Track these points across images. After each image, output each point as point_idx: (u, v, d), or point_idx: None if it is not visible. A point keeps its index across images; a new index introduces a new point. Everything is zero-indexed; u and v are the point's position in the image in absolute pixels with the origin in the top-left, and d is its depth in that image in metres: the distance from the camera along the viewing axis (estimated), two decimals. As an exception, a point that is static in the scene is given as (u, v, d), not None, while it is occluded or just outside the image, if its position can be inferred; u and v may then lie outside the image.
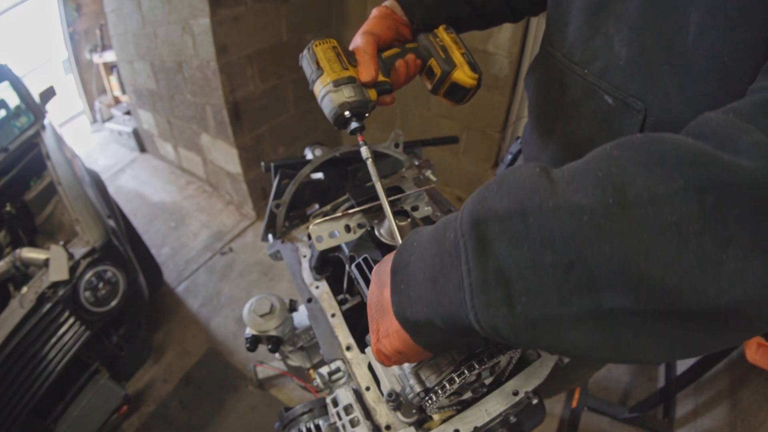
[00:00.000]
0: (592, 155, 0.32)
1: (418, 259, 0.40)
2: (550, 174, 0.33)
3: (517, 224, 0.31)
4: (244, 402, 1.92)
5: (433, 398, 0.52)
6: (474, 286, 0.33)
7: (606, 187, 0.28)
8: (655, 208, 0.27)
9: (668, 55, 0.52)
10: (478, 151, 2.67)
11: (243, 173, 2.71)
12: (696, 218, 0.26)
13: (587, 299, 0.29)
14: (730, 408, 1.49)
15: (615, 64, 0.60)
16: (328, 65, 0.63)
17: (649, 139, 0.30)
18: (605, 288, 0.28)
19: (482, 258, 0.32)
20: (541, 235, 0.30)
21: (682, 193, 0.27)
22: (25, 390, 1.40)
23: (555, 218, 0.29)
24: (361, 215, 0.76)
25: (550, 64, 0.74)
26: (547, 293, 0.30)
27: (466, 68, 0.69)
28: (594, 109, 0.65)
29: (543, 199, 0.30)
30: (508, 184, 0.34)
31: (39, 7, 4.16)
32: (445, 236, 0.37)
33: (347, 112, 0.62)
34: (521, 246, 0.31)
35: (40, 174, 2.06)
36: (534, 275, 0.30)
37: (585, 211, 0.28)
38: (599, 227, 0.28)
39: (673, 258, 0.27)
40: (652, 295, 0.27)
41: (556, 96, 0.73)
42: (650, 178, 0.28)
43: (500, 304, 0.32)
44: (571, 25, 0.66)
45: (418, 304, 0.39)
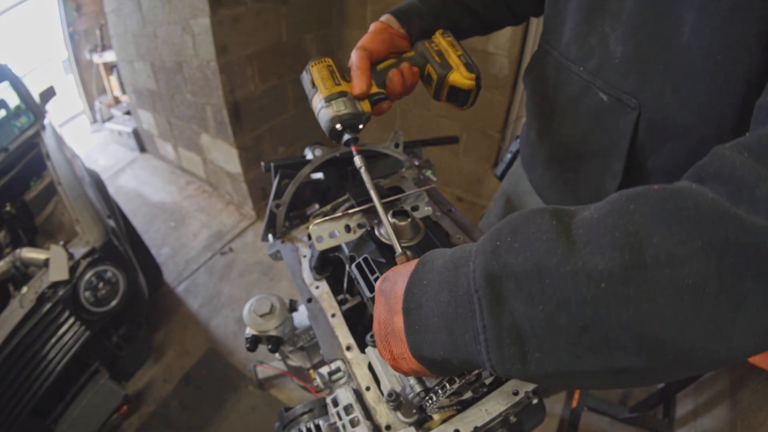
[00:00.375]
0: (609, 208, 0.31)
1: (430, 301, 0.39)
2: (568, 230, 0.32)
3: (532, 284, 0.31)
4: (244, 402, 1.92)
5: (433, 398, 0.52)
6: (489, 343, 0.33)
7: (624, 248, 0.28)
8: (672, 270, 0.27)
9: (663, 53, 0.53)
10: (478, 151, 2.67)
11: (243, 173, 2.71)
12: (713, 279, 0.26)
13: (600, 359, 0.30)
14: (730, 408, 1.49)
15: (610, 62, 0.60)
16: (322, 83, 0.66)
17: (667, 193, 0.29)
18: (619, 350, 0.29)
19: (497, 315, 0.32)
20: (557, 297, 0.30)
21: (700, 254, 0.26)
22: (25, 390, 1.40)
23: (572, 282, 0.29)
24: (361, 215, 0.76)
25: (546, 62, 0.74)
26: (560, 352, 0.31)
27: (463, 69, 0.69)
28: (589, 106, 0.65)
29: (560, 262, 0.30)
30: (523, 237, 0.33)
31: (39, 7, 4.16)
32: (458, 283, 0.36)
33: (338, 125, 0.65)
34: (536, 306, 0.31)
35: (40, 174, 2.06)
36: (548, 335, 0.30)
37: (603, 277, 0.28)
38: (616, 294, 0.28)
39: (688, 321, 0.27)
40: (665, 357, 0.28)
41: (552, 93, 0.73)
42: (668, 237, 0.27)
43: (515, 360, 0.32)
44: (568, 23, 0.67)
45: (434, 347, 0.39)
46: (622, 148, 0.62)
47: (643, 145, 0.61)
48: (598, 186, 0.69)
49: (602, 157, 0.67)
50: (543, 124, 0.78)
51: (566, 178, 0.76)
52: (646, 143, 0.61)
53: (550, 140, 0.76)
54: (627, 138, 0.61)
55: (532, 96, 0.82)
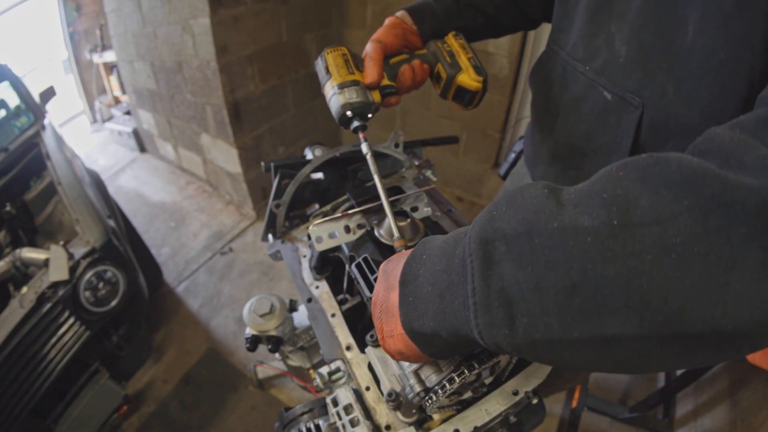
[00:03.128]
0: (599, 176, 0.32)
1: (426, 272, 0.40)
2: (558, 195, 0.32)
3: (522, 245, 0.31)
4: (244, 402, 1.92)
5: (433, 398, 0.52)
6: (478, 306, 0.33)
7: (610, 207, 0.28)
8: (659, 229, 0.27)
9: (666, 52, 0.53)
10: (478, 151, 2.67)
11: (243, 173, 2.72)
12: (701, 239, 0.26)
13: (589, 325, 0.29)
14: (730, 408, 1.49)
15: (615, 61, 0.61)
16: (336, 70, 0.68)
17: (654, 159, 0.30)
18: (608, 313, 0.28)
19: (487, 278, 0.33)
20: (545, 256, 0.30)
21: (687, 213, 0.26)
22: (25, 390, 1.40)
23: (559, 239, 0.29)
24: (360, 215, 0.76)
25: (554, 61, 0.75)
26: (549, 316, 0.30)
27: (471, 71, 0.71)
28: (593, 104, 0.66)
29: (548, 220, 0.30)
30: (516, 203, 0.34)
31: (39, 7, 4.16)
32: (455, 252, 0.37)
33: (349, 112, 0.67)
34: (525, 267, 0.31)
35: (40, 174, 2.06)
36: (536, 297, 0.30)
37: (589, 232, 0.28)
38: (603, 249, 0.28)
39: (676, 279, 0.26)
40: (655, 319, 0.27)
41: (558, 92, 0.74)
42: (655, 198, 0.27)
43: (502, 324, 0.32)
44: (576, 23, 0.68)
45: (425, 318, 0.39)
46: (625, 146, 0.62)
47: (645, 143, 0.61)
48: None
49: (605, 155, 0.67)
50: (547, 123, 0.78)
51: (569, 176, 0.76)
52: (649, 142, 0.61)
53: (553, 138, 0.77)
54: (630, 136, 0.61)
55: (537, 95, 0.82)
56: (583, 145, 0.70)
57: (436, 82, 0.75)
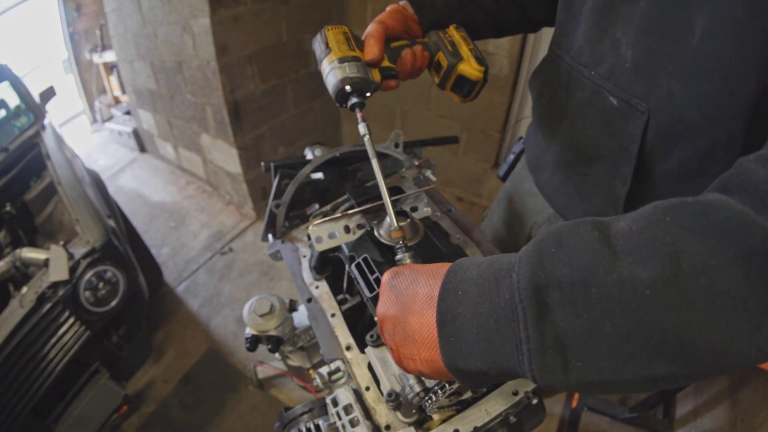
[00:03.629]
0: (646, 221, 0.32)
1: (467, 312, 0.38)
2: (610, 241, 0.33)
3: (578, 294, 0.32)
4: (244, 402, 1.92)
5: (432, 398, 0.52)
6: (532, 352, 0.34)
7: (663, 258, 0.30)
8: (707, 279, 0.28)
9: (672, 56, 0.53)
10: (478, 151, 2.67)
11: (243, 173, 2.71)
12: (743, 285, 0.28)
13: (639, 368, 0.31)
14: (730, 408, 1.49)
15: (621, 66, 0.60)
16: (336, 45, 0.66)
17: (701, 206, 0.31)
18: (658, 358, 0.30)
19: (541, 325, 0.33)
20: (602, 306, 0.31)
21: (731, 262, 0.28)
22: (25, 390, 1.40)
23: (618, 292, 0.30)
24: (360, 216, 0.76)
25: (557, 65, 0.74)
26: (602, 361, 0.31)
27: (473, 61, 0.71)
28: (599, 110, 0.65)
29: (606, 272, 0.31)
30: (567, 248, 0.34)
31: (39, 7, 4.16)
32: (499, 294, 0.36)
33: (348, 86, 0.64)
34: (581, 315, 0.32)
35: (40, 174, 2.06)
36: (591, 343, 0.31)
37: (646, 285, 0.29)
38: (659, 301, 0.29)
39: (722, 326, 0.28)
40: (700, 362, 0.29)
41: (562, 97, 0.73)
42: (703, 248, 0.29)
43: (556, 369, 0.33)
44: (580, 27, 0.67)
45: (471, 358, 0.38)
46: (632, 152, 0.62)
47: (652, 149, 0.61)
48: (608, 190, 0.69)
49: (611, 161, 0.67)
50: (551, 127, 0.78)
51: (575, 182, 0.76)
52: (656, 147, 0.60)
53: (558, 143, 0.76)
54: (637, 142, 0.61)
55: (540, 99, 0.82)
56: (590, 151, 0.70)
57: (436, 72, 0.75)
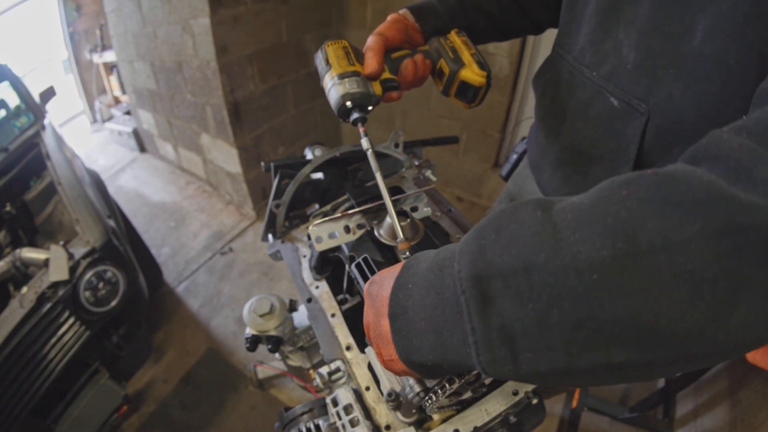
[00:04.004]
0: (599, 195, 0.30)
1: (416, 305, 0.38)
2: (553, 218, 0.30)
3: (521, 282, 0.30)
4: (244, 402, 1.92)
5: (432, 398, 0.52)
6: (479, 345, 0.32)
7: (616, 235, 0.27)
8: (668, 256, 0.26)
9: (674, 57, 0.53)
10: (478, 151, 2.67)
11: (243, 173, 2.71)
12: (712, 264, 0.25)
13: (596, 355, 0.29)
14: (730, 408, 1.49)
15: (622, 68, 0.60)
16: (336, 61, 0.67)
17: (660, 177, 0.28)
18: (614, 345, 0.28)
19: (485, 316, 0.31)
20: (547, 293, 0.29)
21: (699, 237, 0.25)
22: (25, 390, 1.40)
23: (562, 277, 0.28)
24: (360, 216, 0.76)
25: (560, 66, 0.74)
26: (554, 351, 0.29)
27: (475, 66, 0.70)
28: (599, 110, 0.66)
29: (549, 257, 0.29)
30: (507, 233, 0.32)
31: (39, 7, 4.16)
32: (443, 285, 0.35)
33: (349, 102, 0.65)
34: (525, 304, 0.30)
35: (40, 174, 2.06)
36: (539, 334, 0.29)
37: (594, 267, 0.27)
38: (610, 285, 0.27)
39: (685, 308, 0.26)
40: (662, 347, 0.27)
41: (564, 97, 0.73)
42: (663, 221, 0.26)
43: (506, 361, 0.31)
44: (583, 28, 0.67)
45: (423, 351, 0.38)
46: (631, 152, 0.62)
47: (651, 149, 0.61)
48: None
49: (611, 161, 0.67)
50: (553, 127, 0.78)
51: (574, 181, 0.76)
52: (655, 148, 0.61)
53: (559, 143, 0.76)
54: (636, 143, 0.61)
55: (542, 99, 0.82)
56: (589, 151, 0.70)
57: (439, 79, 0.74)
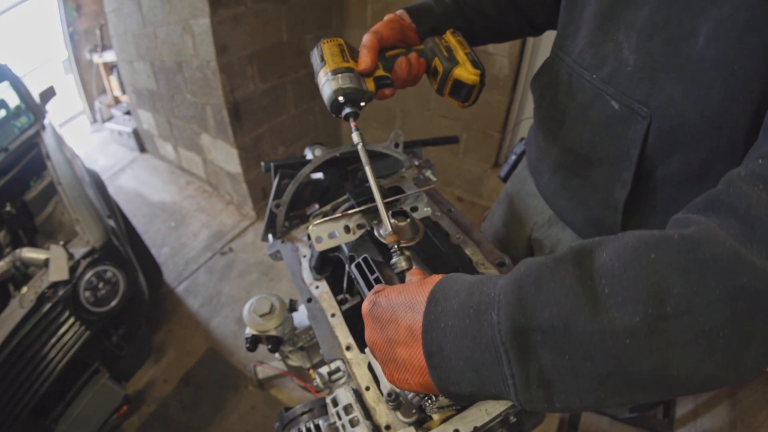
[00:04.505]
0: (629, 257, 0.32)
1: (452, 345, 0.39)
2: (592, 282, 0.32)
3: (559, 338, 0.32)
4: (244, 402, 1.92)
5: (432, 398, 0.52)
6: (518, 387, 0.35)
7: (647, 301, 0.29)
8: (690, 318, 0.28)
9: (675, 61, 0.53)
10: (478, 151, 2.67)
11: (243, 173, 2.71)
12: (727, 324, 0.28)
13: (621, 398, 0.32)
14: (730, 408, 1.49)
15: (623, 70, 0.60)
16: (330, 58, 0.68)
17: (687, 243, 0.31)
18: (639, 391, 0.31)
19: (524, 363, 0.34)
20: (583, 349, 0.31)
21: (717, 301, 0.28)
22: (25, 390, 1.40)
23: (598, 339, 0.31)
24: (360, 216, 0.76)
25: (559, 68, 0.74)
26: (584, 394, 0.33)
27: (469, 65, 0.71)
28: (599, 113, 0.65)
29: (587, 320, 0.31)
30: (548, 291, 0.34)
31: (39, 7, 4.16)
32: (481, 331, 0.36)
33: (341, 97, 0.66)
34: (563, 356, 0.32)
35: (40, 174, 2.06)
36: (573, 381, 0.33)
37: (628, 332, 0.30)
38: (640, 348, 0.30)
39: (704, 362, 0.29)
40: (680, 391, 0.31)
41: (563, 99, 0.73)
42: (687, 287, 0.29)
43: (542, 400, 0.34)
44: (583, 30, 0.67)
45: (462, 384, 0.39)
46: (632, 156, 0.62)
47: (653, 154, 0.60)
48: (606, 194, 0.69)
49: (611, 165, 0.66)
50: (552, 130, 0.78)
51: (573, 185, 0.75)
52: (656, 152, 0.60)
53: (558, 146, 0.76)
54: (637, 147, 0.60)
55: (541, 101, 0.81)
56: (589, 154, 0.70)
57: (433, 77, 0.75)
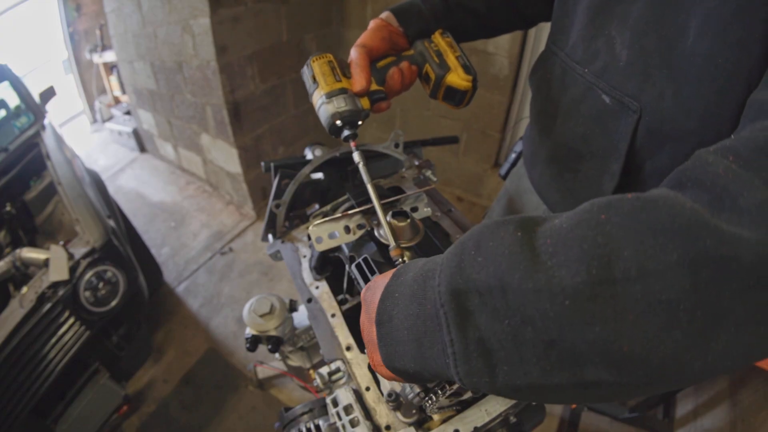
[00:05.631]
0: (579, 218, 0.29)
1: (401, 314, 0.39)
2: (533, 241, 0.30)
3: (497, 299, 0.30)
4: (244, 402, 1.92)
5: (432, 398, 0.52)
6: (457, 356, 0.33)
7: (591, 261, 0.26)
8: (643, 285, 0.25)
9: (667, 58, 0.53)
10: (478, 151, 2.67)
11: (243, 173, 2.71)
12: (689, 295, 0.25)
13: (568, 373, 0.29)
14: (730, 408, 1.49)
15: (615, 65, 0.60)
16: (323, 79, 0.67)
17: (641, 202, 0.28)
18: (587, 364, 0.28)
19: (463, 329, 0.32)
20: (521, 313, 0.29)
21: (676, 267, 0.25)
22: (25, 390, 1.40)
23: (535, 299, 0.28)
24: (360, 216, 0.76)
25: (552, 62, 0.74)
26: (528, 365, 0.30)
27: (460, 71, 0.70)
28: (591, 107, 0.65)
29: (523, 278, 0.29)
30: (486, 251, 0.32)
31: (39, 7, 4.16)
32: (425, 296, 0.36)
33: (339, 121, 0.66)
34: (501, 320, 0.30)
35: (40, 174, 2.06)
36: (514, 348, 0.30)
37: (567, 294, 0.27)
38: (581, 311, 0.26)
39: (660, 338, 0.25)
40: (635, 372, 0.27)
41: (556, 93, 0.73)
42: (640, 250, 0.25)
43: (482, 373, 0.32)
44: (575, 24, 0.67)
45: (405, 359, 0.39)
46: (621, 149, 0.62)
47: (641, 147, 0.61)
48: (596, 186, 0.69)
49: (601, 158, 0.67)
50: (545, 123, 0.78)
51: (565, 178, 0.76)
52: (645, 146, 0.61)
53: (551, 139, 0.76)
54: (626, 140, 0.61)
55: (536, 95, 0.82)
56: (580, 148, 0.70)
57: (425, 83, 0.74)
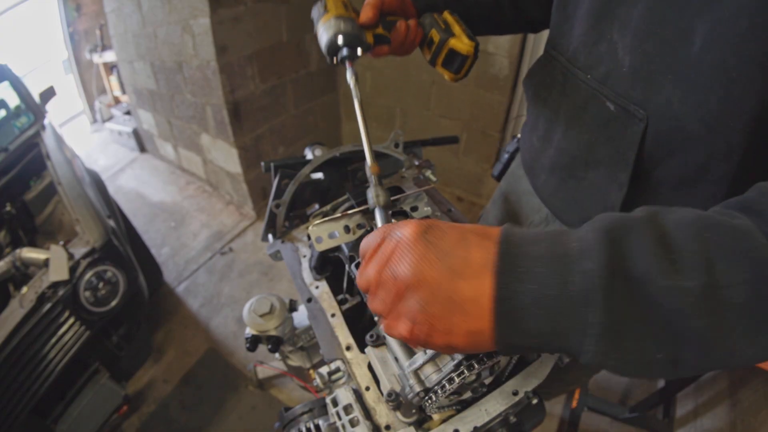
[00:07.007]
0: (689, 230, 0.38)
1: (532, 293, 0.37)
2: (669, 247, 0.38)
3: (641, 289, 0.37)
4: (244, 402, 1.92)
5: (432, 398, 0.52)
6: (600, 337, 0.37)
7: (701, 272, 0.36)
8: (729, 292, 0.35)
9: (671, 63, 0.52)
10: (478, 151, 2.67)
11: (243, 173, 2.72)
12: (751, 301, 0.34)
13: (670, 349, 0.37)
14: (730, 408, 1.49)
15: (618, 71, 0.59)
16: (334, 7, 0.70)
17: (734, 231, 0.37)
18: (685, 345, 0.37)
19: (610, 311, 0.36)
20: (653, 302, 0.36)
21: (746, 284, 0.35)
22: (25, 390, 1.40)
23: (667, 294, 0.36)
24: (360, 216, 0.76)
25: (552, 67, 0.73)
26: (645, 341, 0.37)
27: (464, 37, 0.73)
28: (595, 114, 0.65)
29: (661, 277, 0.36)
30: (636, 245, 0.38)
31: (39, 7, 4.16)
32: (568, 279, 0.37)
33: (340, 36, 0.68)
34: (637, 306, 0.37)
35: (40, 174, 2.06)
36: (641, 329, 0.37)
37: (690, 293, 0.35)
38: (695, 305, 0.36)
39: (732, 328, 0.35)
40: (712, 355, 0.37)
41: (557, 99, 0.73)
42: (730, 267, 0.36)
43: (614, 351, 0.38)
44: (576, 29, 0.66)
45: (528, 336, 0.38)
46: (629, 158, 0.61)
47: (650, 156, 0.60)
48: (603, 195, 0.68)
49: (608, 167, 0.66)
50: (546, 130, 0.77)
51: (570, 186, 0.75)
52: (654, 154, 0.60)
53: (554, 147, 0.75)
54: (634, 149, 0.60)
55: (534, 100, 0.81)
56: (585, 156, 0.69)
57: (428, 48, 0.78)
